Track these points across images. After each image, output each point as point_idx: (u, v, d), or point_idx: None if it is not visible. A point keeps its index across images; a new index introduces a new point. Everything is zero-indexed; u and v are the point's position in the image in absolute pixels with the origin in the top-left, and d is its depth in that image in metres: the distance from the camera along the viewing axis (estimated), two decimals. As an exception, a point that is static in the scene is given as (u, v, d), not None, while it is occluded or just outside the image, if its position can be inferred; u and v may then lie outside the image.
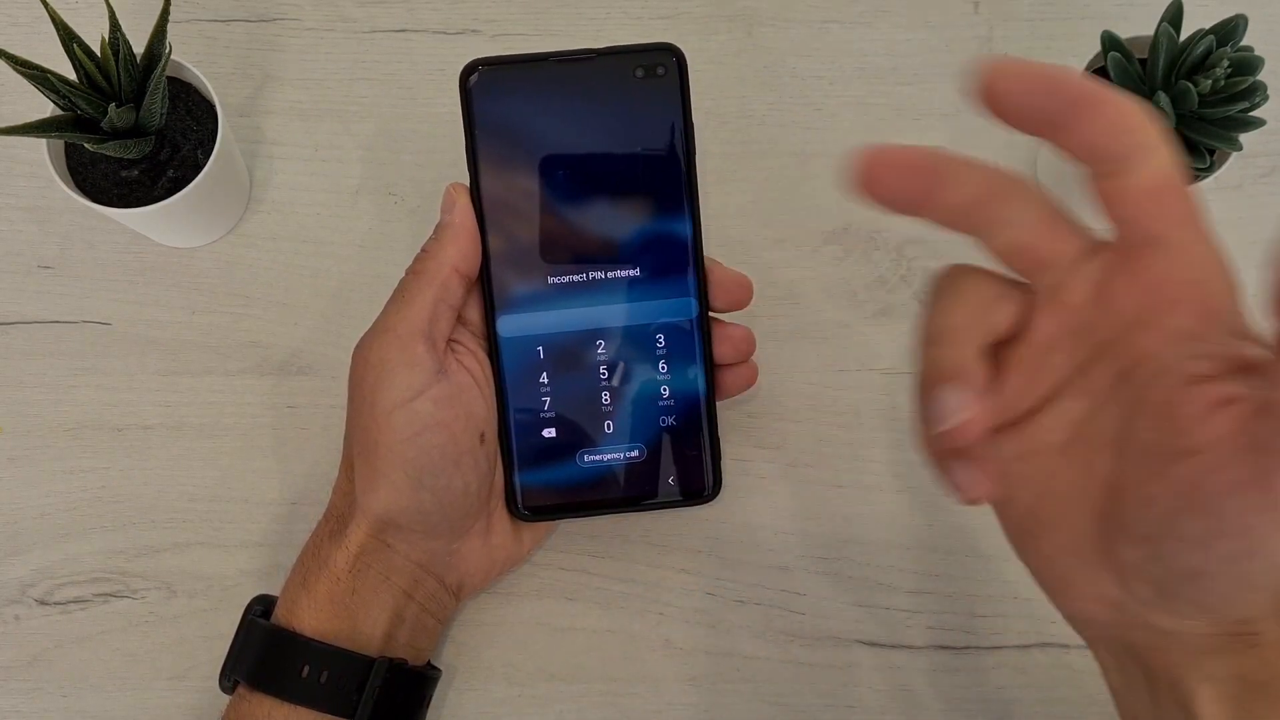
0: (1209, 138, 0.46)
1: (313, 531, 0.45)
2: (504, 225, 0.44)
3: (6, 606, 0.50)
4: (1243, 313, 0.29)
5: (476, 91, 0.42)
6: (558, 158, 0.43)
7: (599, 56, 0.42)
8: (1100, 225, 0.28)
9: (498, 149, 0.43)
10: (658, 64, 0.42)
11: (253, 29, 0.56)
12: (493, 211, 0.43)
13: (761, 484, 0.51)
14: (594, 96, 0.42)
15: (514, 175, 0.43)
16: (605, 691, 0.49)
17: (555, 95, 0.42)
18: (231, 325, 0.53)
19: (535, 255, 0.44)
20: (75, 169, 0.49)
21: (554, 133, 0.43)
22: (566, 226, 0.43)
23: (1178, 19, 0.47)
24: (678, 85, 0.43)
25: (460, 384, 0.43)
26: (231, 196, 0.53)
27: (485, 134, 0.43)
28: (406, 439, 0.42)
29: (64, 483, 0.51)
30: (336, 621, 0.42)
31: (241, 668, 0.43)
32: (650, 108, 0.43)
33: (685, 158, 0.43)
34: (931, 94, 0.56)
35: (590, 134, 0.43)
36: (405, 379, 0.42)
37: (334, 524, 0.44)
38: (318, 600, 0.43)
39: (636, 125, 0.43)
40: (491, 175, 0.43)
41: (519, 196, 0.43)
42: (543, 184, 0.43)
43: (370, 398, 0.42)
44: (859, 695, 0.49)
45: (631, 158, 0.43)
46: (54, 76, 0.45)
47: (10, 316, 0.53)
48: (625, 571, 0.50)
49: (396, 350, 0.42)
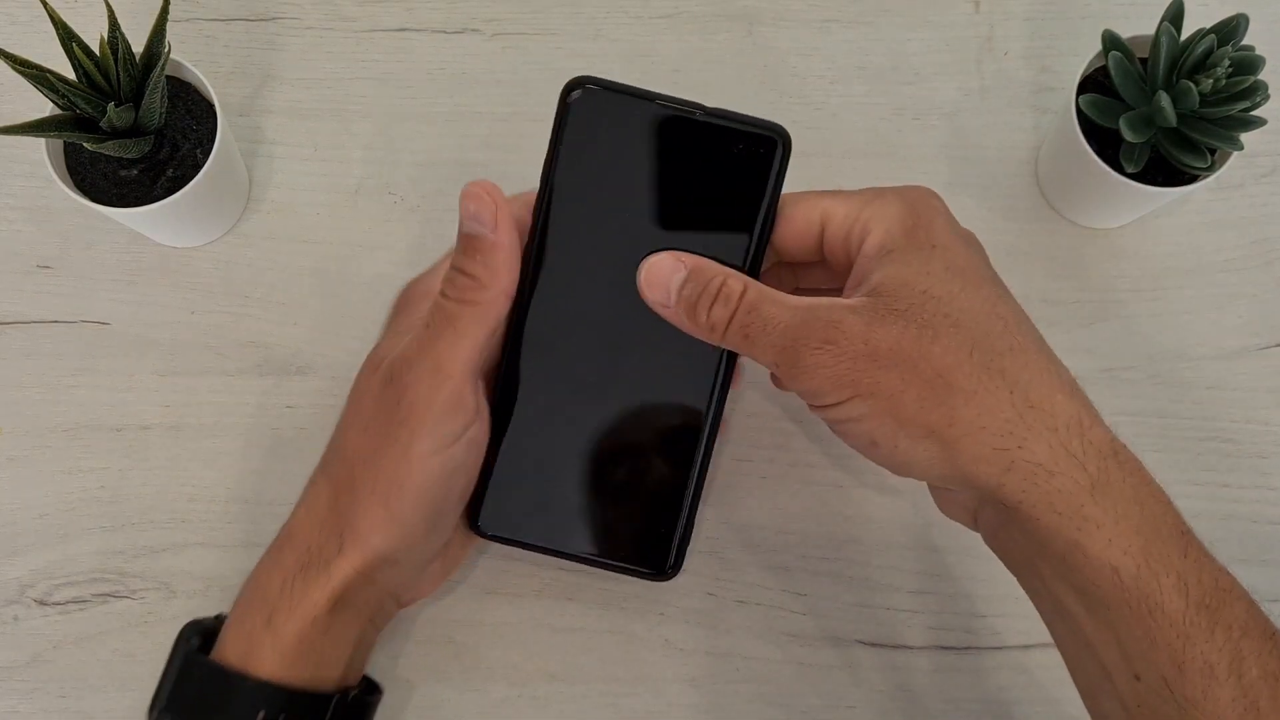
0: (1210, 137, 0.46)
1: (268, 559, 0.41)
2: (557, 256, 0.41)
3: (5, 607, 0.50)
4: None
5: (575, 108, 0.40)
6: (632, 203, 0.40)
7: (704, 117, 0.40)
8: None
9: (577, 173, 0.40)
10: (761, 146, 0.40)
11: (252, 28, 0.56)
12: (553, 236, 0.41)
13: (761, 484, 0.51)
14: (687, 154, 0.40)
15: (584, 205, 0.40)
16: (606, 692, 0.49)
17: (650, 139, 0.40)
18: (230, 325, 0.53)
19: (582, 291, 0.41)
20: (74, 168, 0.49)
21: (636, 176, 0.40)
22: (618, 274, 0.41)
23: (1179, 18, 0.47)
24: (773, 172, 0.40)
25: (485, 419, 0.41)
26: (231, 196, 0.53)
27: (570, 154, 0.40)
28: (436, 482, 0.39)
29: (63, 483, 0.51)
30: (301, 665, 0.39)
31: (180, 706, 0.39)
32: (739, 184, 0.40)
33: (756, 243, 0.40)
34: (932, 93, 0.56)
35: (671, 189, 0.40)
36: (450, 424, 0.39)
37: (306, 557, 0.40)
38: (284, 642, 0.39)
39: (720, 197, 0.40)
40: (562, 199, 0.40)
41: (583, 228, 0.41)
42: (608, 224, 0.41)
43: (405, 438, 0.39)
44: (859, 695, 0.49)
45: (704, 226, 0.40)
46: (53, 76, 0.44)
47: (9, 316, 0.53)
48: (625, 572, 0.50)
49: (446, 392, 0.38)
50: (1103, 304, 0.53)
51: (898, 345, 0.35)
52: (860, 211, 0.38)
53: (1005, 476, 0.34)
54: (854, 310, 0.36)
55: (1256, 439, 0.52)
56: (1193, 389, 0.52)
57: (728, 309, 0.37)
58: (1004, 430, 0.34)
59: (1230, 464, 0.52)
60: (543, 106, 0.55)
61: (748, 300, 0.37)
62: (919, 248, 0.37)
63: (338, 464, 0.41)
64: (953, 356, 0.35)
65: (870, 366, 0.35)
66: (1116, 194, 0.49)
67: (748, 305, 0.37)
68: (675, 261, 0.39)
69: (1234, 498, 0.51)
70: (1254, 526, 0.51)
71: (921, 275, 0.36)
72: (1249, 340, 0.53)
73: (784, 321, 0.36)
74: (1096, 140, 0.48)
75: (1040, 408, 0.34)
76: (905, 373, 0.35)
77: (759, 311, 0.37)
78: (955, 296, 0.36)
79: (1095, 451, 0.34)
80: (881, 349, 0.35)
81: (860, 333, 0.35)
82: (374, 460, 0.39)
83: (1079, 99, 0.49)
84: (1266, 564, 0.50)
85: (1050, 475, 0.34)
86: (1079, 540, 0.33)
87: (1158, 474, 0.49)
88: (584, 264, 0.41)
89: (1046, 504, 0.34)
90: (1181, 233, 0.54)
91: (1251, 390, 0.52)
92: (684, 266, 0.38)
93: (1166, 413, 0.52)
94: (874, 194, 0.39)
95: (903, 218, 0.37)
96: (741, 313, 0.37)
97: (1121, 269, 0.54)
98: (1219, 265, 0.54)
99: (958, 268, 0.37)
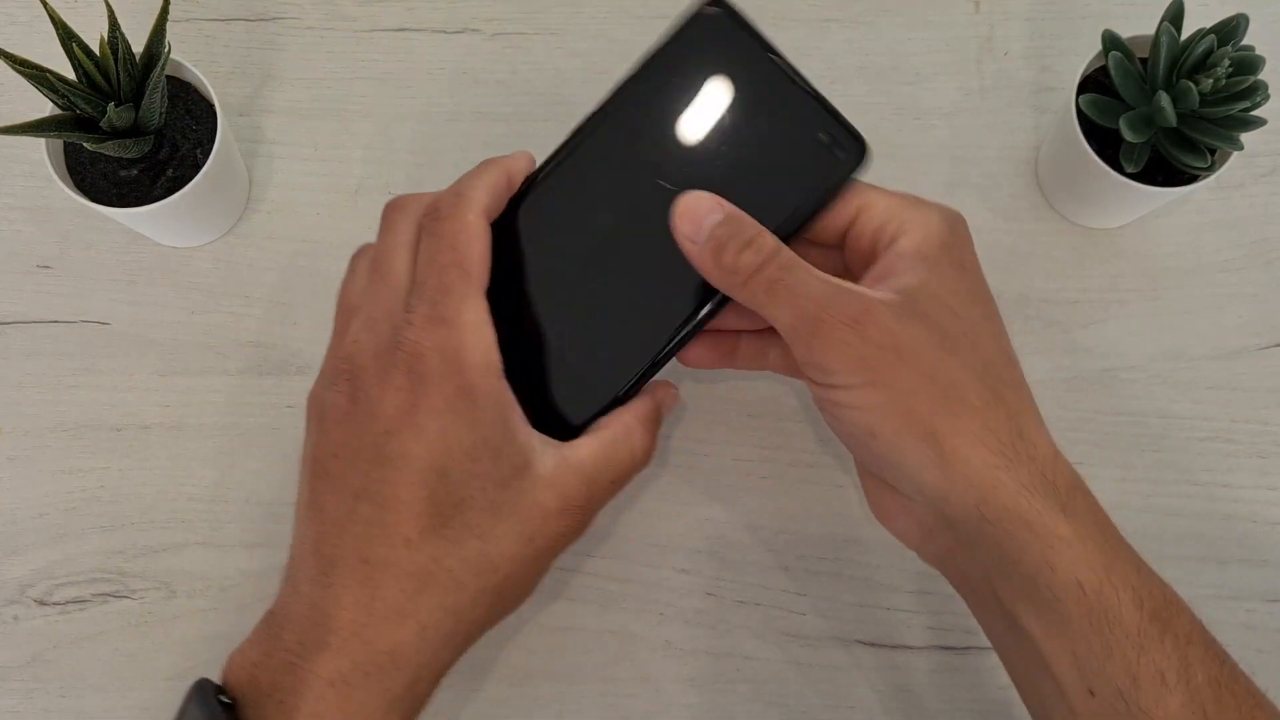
0: (1210, 137, 0.46)
1: (336, 658, 0.35)
2: (594, 154, 0.41)
3: (5, 607, 0.50)
4: None
5: (696, 22, 0.40)
6: (697, 134, 0.40)
7: (807, 93, 0.40)
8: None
9: (658, 83, 0.40)
10: (844, 146, 0.40)
11: (252, 28, 0.56)
12: (602, 134, 0.40)
13: (762, 484, 0.51)
14: (774, 116, 0.40)
15: (649, 116, 0.40)
16: (605, 692, 0.49)
17: (747, 84, 0.40)
18: (230, 325, 0.53)
19: (603, 196, 0.41)
20: (74, 168, 0.49)
21: (715, 112, 0.40)
22: (649, 193, 0.40)
23: (1179, 18, 0.47)
24: (844, 174, 0.40)
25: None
26: (231, 196, 0.53)
27: (663, 61, 0.40)
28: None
29: (63, 483, 0.51)
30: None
31: None
32: (807, 169, 0.40)
33: (792, 227, 0.40)
34: (933, 93, 0.56)
35: (741, 139, 0.40)
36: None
37: (395, 671, 0.35)
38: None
39: (783, 171, 0.40)
40: (630, 101, 0.40)
41: (636, 138, 0.40)
42: (663, 143, 0.40)
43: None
44: (859, 695, 0.49)
45: (754, 190, 0.40)
46: (53, 76, 0.44)
47: (9, 316, 0.53)
48: (625, 572, 0.50)
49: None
50: (1103, 304, 0.53)
51: (922, 347, 0.36)
52: (901, 211, 0.39)
53: (990, 494, 0.35)
54: (884, 302, 0.36)
55: (1256, 439, 0.52)
56: (1193, 389, 0.52)
57: (758, 257, 0.37)
58: (999, 450, 0.36)
59: (1230, 464, 0.52)
60: (543, 106, 0.56)
61: (783, 257, 0.37)
62: (952, 264, 0.38)
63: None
64: (968, 373, 0.36)
65: (893, 358, 0.36)
66: (1116, 194, 0.49)
67: (782, 262, 0.37)
68: (715, 203, 0.38)
69: (1234, 498, 0.51)
70: (1254, 526, 0.51)
71: (950, 292, 0.38)
72: (1249, 340, 0.53)
73: (816, 288, 0.36)
74: (1096, 140, 0.49)
75: (1028, 439, 0.36)
76: (923, 374, 0.36)
77: (791, 271, 0.37)
78: (975, 321, 0.38)
79: (1065, 482, 0.36)
80: (906, 345, 0.36)
81: (889, 323, 0.36)
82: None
83: (1079, 99, 0.49)
84: (1266, 564, 0.50)
85: (1030, 496, 0.35)
86: (1049, 557, 0.35)
87: (1158, 474, 0.49)
88: (617, 173, 0.41)
89: (1023, 523, 0.35)
90: (1181, 233, 0.54)
91: (1251, 390, 0.52)
92: (722, 210, 0.38)
93: (1166, 412, 0.52)
94: (915, 200, 0.40)
95: (941, 232, 0.38)
96: (773, 266, 0.37)
97: (1121, 269, 0.54)
98: (1219, 265, 0.54)
99: (979, 295, 0.39)
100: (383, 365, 0.37)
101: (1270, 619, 0.50)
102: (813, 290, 0.36)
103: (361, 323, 0.39)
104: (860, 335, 0.36)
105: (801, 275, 0.37)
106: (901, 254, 0.38)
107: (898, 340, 0.36)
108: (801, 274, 0.37)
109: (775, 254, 0.37)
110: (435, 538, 0.35)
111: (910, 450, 0.36)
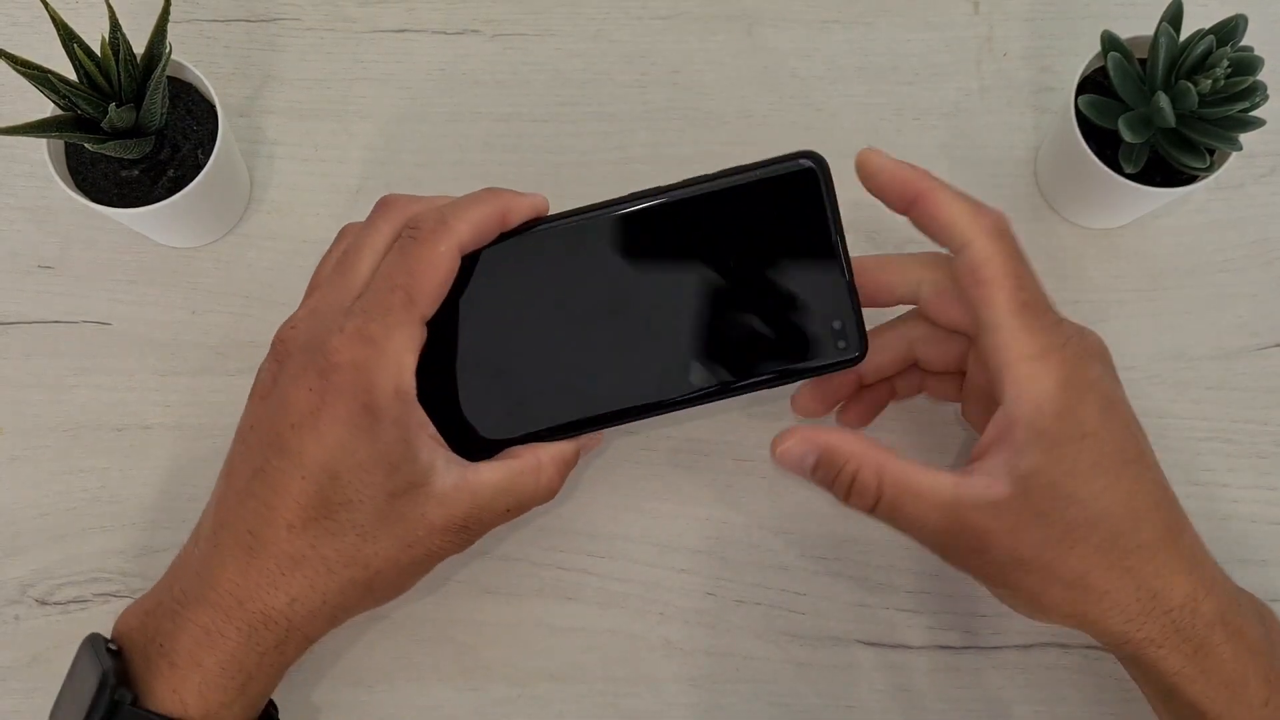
0: (1209, 137, 0.46)
1: (225, 620, 0.39)
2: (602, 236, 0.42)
3: (6, 606, 0.50)
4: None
5: (793, 162, 0.42)
6: (731, 259, 0.42)
7: (844, 280, 0.42)
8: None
9: (726, 198, 0.42)
10: (846, 340, 0.42)
11: (253, 29, 0.56)
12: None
13: (762, 484, 0.51)
14: (803, 285, 0.41)
15: (704, 219, 0.42)
16: (605, 691, 0.49)
17: (797, 242, 0.42)
18: (231, 325, 0.53)
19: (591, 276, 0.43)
20: (75, 169, 0.49)
21: (755, 252, 0.42)
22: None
23: (1178, 19, 0.47)
24: (831, 366, 0.42)
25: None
26: (231, 196, 0.53)
27: (744, 181, 0.42)
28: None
29: (63, 483, 0.51)
30: (259, 704, 0.41)
31: None
32: (804, 344, 0.42)
33: (764, 383, 0.42)
34: (932, 94, 0.56)
35: (760, 287, 0.42)
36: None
37: (285, 635, 0.39)
38: (250, 702, 0.40)
39: (783, 334, 0.42)
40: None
41: (687, 229, 0.42)
42: (703, 251, 0.42)
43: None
44: (859, 695, 0.49)
45: (756, 330, 0.42)
46: (54, 76, 0.45)
47: (10, 316, 0.53)
48: (625, 571, 0.50)
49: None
50: (1102, 304, 0.53)
51: (1040, 554, 0.38)
52: (1014, 362, 0.39)
53: (1122, 648, 0.40)
54: (998, 513, 0.38)
55: (1255, 439, 0.52)
56: (1192, 388, 0.52)
57: (865, 500, 0.40)
58: (1126, 619, 0.39)
59: (1229, 464, 0.52)
60: (543, 107, 0.56)
61: (887, 499, 0.39)
62: (1069, 438, 0.38)
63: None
64: (1089, 561, 0.38)
65: (1015, 570, 0.39)
66: (1116, 194, 0.49)
67: (889, 504, 0.39)
68: (804, 446, 0.40)
69: (1233, 497, 0.51)
70: (1253, 526, 0.51)
71: (1068, 476, 0.38)
72: (1248, 340, 0.53)
73: (930, 524, 0.39)
74: (1096, 141, 0.49)
75: (1159, 595, 0.39)
76: (1046, 576, 0.38)
77: (902, 510, 0.39)
78: (1097, 497, 0.38)
79: (1204, 623, 0.39)
80: (1026, 557, 0.38)
81: (1007, 544, 0.38)
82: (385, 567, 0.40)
83: (1078, 99, 0.49)
84: (1266, 564, 0.51)
85: (1159, 648, 0.39)
86: (1176, 686, 0.39)
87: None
88: (633, 251, 0.42)
89: (1154, 667, 0.39)
90: (1180, 233, 0.54)
91: (1250, 390, 0.52)
92: (814, 451, 0.40)
93: (1166, 412, 0.52)
94: (1034, 339, 0.39)
95: (1054, 398, 0.38)
96: (884, 508, 0.40)
97: (1121, 269, 0.54)
98: (1218, 265, 0.54)
99: (1104, 460, 0.39)
100: (304, 362, 0.39)
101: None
102: (928, 525, 0.39)
103: (310, 308, 0.41)
104: (981, 559, 0.39)
105: (913, 510, 0.39)
106: (1014, 421, 0.38)
107: (1017, 555, 0.38)
108: (912, 508, 0.39)
109: (880, 494, 0.39)
110: (315, 527, 0.38)
111: (1048, 620, 0.40)
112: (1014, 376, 0.39)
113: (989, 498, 0.38)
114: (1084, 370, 0.39)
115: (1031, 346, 0.39)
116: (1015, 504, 0.38)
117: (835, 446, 0.40)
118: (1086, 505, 0.38)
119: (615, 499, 0.51)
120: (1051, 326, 0.39)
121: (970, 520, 0.38)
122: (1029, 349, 0.39)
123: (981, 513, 0.38)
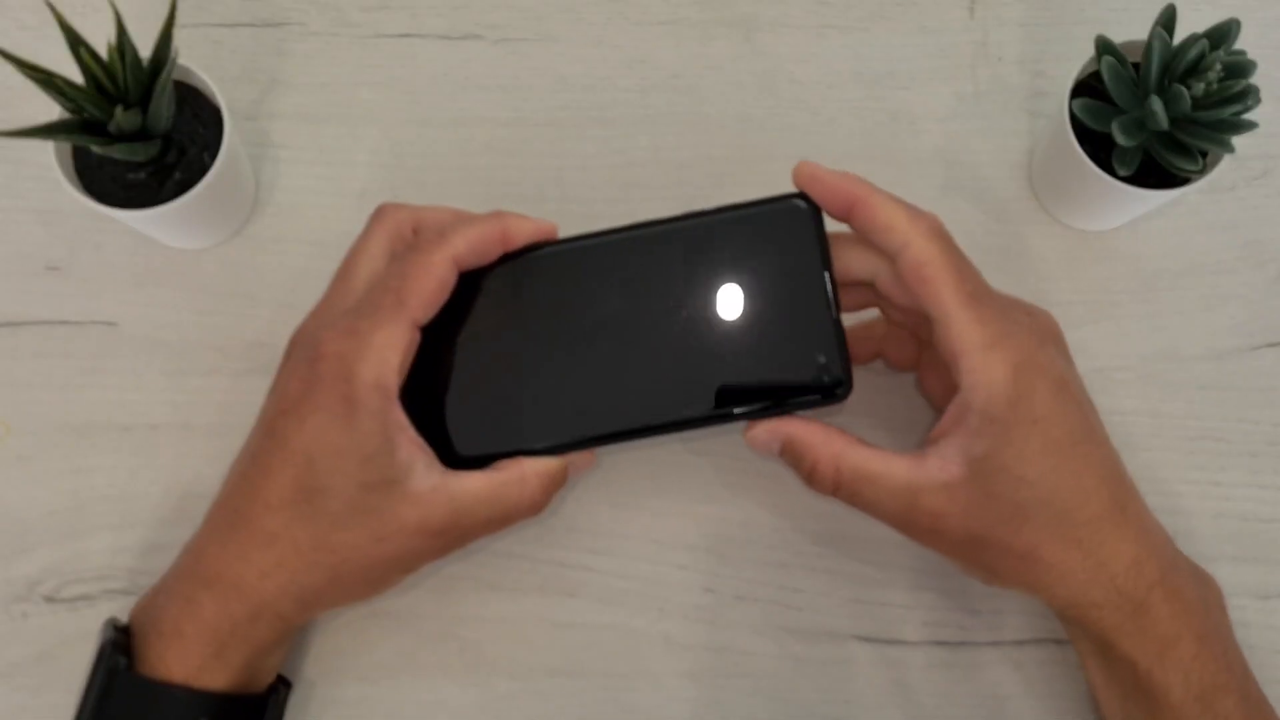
0: (1202, 140, 0.47)
1: (209, 595, 0.42)
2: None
3: (14, 604, 0.50)
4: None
5: (785, 202, 0.43)
6: (720, 290, 0.43)
7: (830, 316, 0.43)
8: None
9: (719, 232, 0.43)
10: (830, 374, 0.43)
11: (258, 33, 0.57)
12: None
13: (760, 481, 0.52)
14: (791, 319, 0.43)
15: (697, 251, 0.43)
16: (605, 686, 0.50)
17: (787, 278, 0.43)
18: (237, 326, 0.53)
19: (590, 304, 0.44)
20: (82, 171, 0.50)
21: (745, 284, 0.43)
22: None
23: (1171, 23, 0.47)
24: (812, 401, 0.43)
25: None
26: (237, 199, 0.53)
27: (738, 217, 0.43)
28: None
29: (71, 481, 0.51)
30: (242, 681, 0.43)
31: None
32: (787, 377, 0.43)
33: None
34: (927, 98, 0.56)
35: (748, 318, 0.43)
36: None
37: (258, 609, 0.42)
38: (233, 670, 0.42)
39: (767, 364, 0.43)
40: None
41: (680, 261, 0.44)
42: (695, 281, 0.44)
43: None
44: (856, 690, 0.50)
45: (741, 359, 0.43)
46: (61, 80, 0.45)
47: (18, 317, 0.53)
48: (625, 568, 0.51)
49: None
50: (1096, 305, 0.54)
51: (992, 531, 0.41)
52: (972, 350, 0.40)
53: (1068, 611, 0.42)
54: (952, 495, 0.40)
55: (1247, 438, 0.52)
56: (1184, 389, 0.53)
57: (824, 488, 0.43)
58: (1075, 586, 0.41)
59: (1221, 463, 0.52)
60: (545, 112, 0.56)
61: (845, 487, 0.42)
62: (1020, 423, 0.40)
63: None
64: (1040, 535, 0.40)
65: (971, 546, 0.41)
66: (1109, 197, 0.50)
67: (848, 490, 0.42)
68: (769, 435, 0.43)
69: (1225, 496, 0.52)
70: (1244, 525, 0.52)
71: (1018, 460, 0.40)
72: (1240, 341, 0.53)
73: (888, 507, 0.42)
74: (1089, 144, 0.49)
75: (1105, 563, 0.41)
76: (999, 551, 0.41)
77: (861, 495, 0.42)
78: (1046, 477, 0.40)
79: (1145, 584, 0.41)
80: (980, 535, 0.41)
81: (961, 523, 0.41)
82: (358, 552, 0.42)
83: (1072, 103, 0.49)
84: (1257, 562, 0.51)
85: (1100, 609, 0.41)
86: (1113, 642, 0.42)
87: (1151, 473, 0.50)
88: (629, 279, 0.43)
89: (1094, 625, 0.42)
90: (1173, 235, 0.55)
91: (1243, 390, 0.53)
92: (777, 440, 0.43)
93: (1158, 412, 0.53)
94: (991, 329, 0.40)
95: (1007, 386, 0.40)
96: (844, 494, 0.42)
97: (1114, 271, 0.54)
98: (1210, 267, 0.54)
99: (1054, 443, 0.40)
100: (299, 355, 0.42)
101: (1262, 616, 0.50)
102: (886, 508, 0.42)
103: (320, 306, 0.45)
104: (937, 539, 0.42)
105: (870, 495, 0.42)
106: (969, 408, 0.40)
107: (972, 534, 0.41)
108: (870, 493, 0.42)
109: (837, 482, 0.42)
110: (291, 509, 0.41)
111: (1003, 588, 0.43)
112: (968, 366, 0.40)
113: (943, 479, 0.40)
114: (1035, 355, 0.41)
115: (984, 336, 0.40)
116: (969, 486, 0.40)
117: (796, 438, 0.43)
118: (1036, 486, 0.40)
119: (616, 497, 0.52)
120: (1001, 314, 0.41)
121: (925, 502, 0.41)
122: (981, 339, 0.40)
123: (936, 495, 0.40)
